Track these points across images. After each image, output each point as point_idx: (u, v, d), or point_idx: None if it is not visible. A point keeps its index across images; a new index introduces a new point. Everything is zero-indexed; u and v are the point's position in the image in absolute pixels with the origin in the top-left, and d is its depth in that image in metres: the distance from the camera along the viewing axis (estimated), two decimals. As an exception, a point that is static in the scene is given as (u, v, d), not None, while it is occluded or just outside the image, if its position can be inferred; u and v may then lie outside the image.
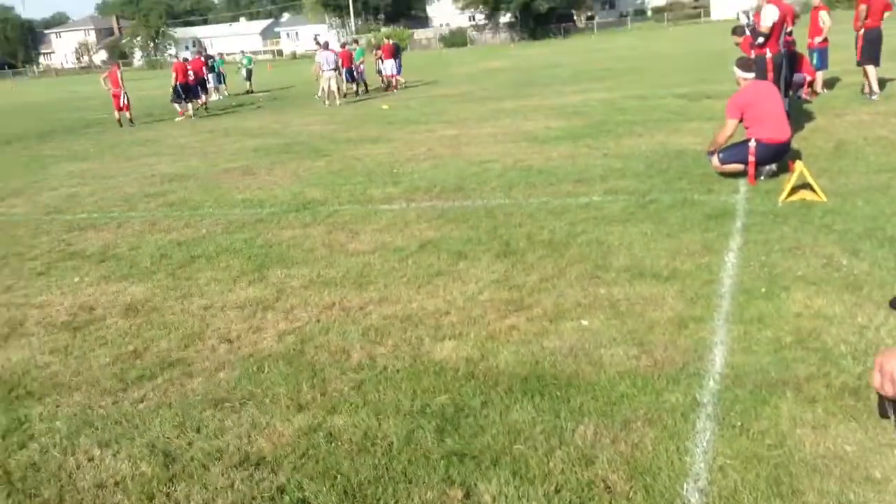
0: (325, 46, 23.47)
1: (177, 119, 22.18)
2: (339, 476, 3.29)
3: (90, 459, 3.62)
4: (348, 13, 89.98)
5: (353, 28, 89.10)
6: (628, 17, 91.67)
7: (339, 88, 23.36)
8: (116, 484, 3.39)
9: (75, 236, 8.30)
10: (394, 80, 26.87)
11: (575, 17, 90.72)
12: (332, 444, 3.55)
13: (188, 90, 23.05)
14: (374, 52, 27.53)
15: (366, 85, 26.79)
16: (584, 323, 4.74)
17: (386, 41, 28.08)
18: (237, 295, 5.89)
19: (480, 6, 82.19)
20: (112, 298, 6.05)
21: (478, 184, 9.37)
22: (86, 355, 4.89)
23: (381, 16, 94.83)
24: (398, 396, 3.98)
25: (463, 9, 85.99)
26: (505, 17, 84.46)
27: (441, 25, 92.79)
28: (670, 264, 5.69)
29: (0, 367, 4.81)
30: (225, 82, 30.99)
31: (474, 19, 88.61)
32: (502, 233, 7.04)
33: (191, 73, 23.23)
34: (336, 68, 23.04)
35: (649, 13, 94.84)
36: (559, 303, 5.15)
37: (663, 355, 4.17)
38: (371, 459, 3.40)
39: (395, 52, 26.96)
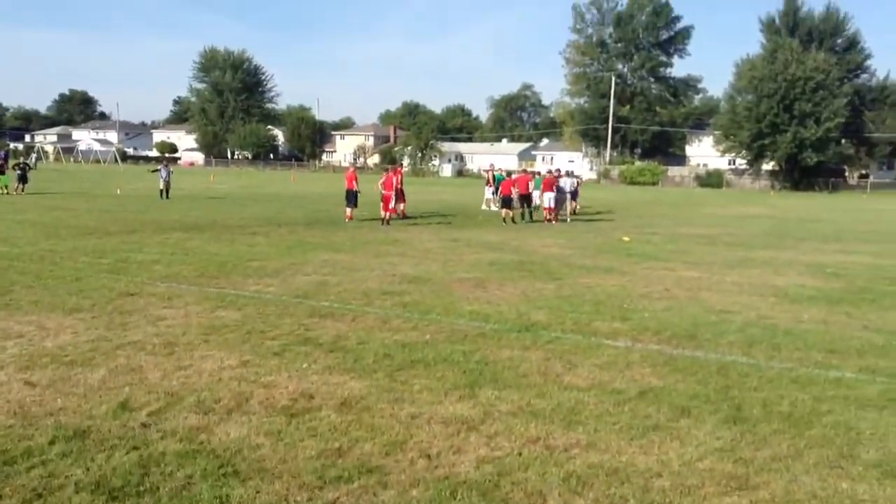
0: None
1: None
2: None
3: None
4: (605, 144, 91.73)
5: (608, 158, 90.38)
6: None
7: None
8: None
9: (315, 322, 8.85)
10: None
11: (847, 174, 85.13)
12: None
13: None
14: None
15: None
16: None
17: (548, 174, 27.95)
18: (445, 409, 5.87)
19: (743, 151, 79.46)
20: (332, 390, 6.28)
21: (714, 334, 8.77)
22: (295, 444, 5.06)
23: (638, 150, 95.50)
24: (589, 561, 3.64)
25: (723, 153, 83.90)
26: (768, 165, 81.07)
27: (698, 165, 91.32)
28: (936, 471, 4.83)
29: (218, 440, 5.12)
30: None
31: (734, 163, 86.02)
32: (735, 395, 6.46)
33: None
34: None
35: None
36: (791, 490, 4.53)
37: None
38: None
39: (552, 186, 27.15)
